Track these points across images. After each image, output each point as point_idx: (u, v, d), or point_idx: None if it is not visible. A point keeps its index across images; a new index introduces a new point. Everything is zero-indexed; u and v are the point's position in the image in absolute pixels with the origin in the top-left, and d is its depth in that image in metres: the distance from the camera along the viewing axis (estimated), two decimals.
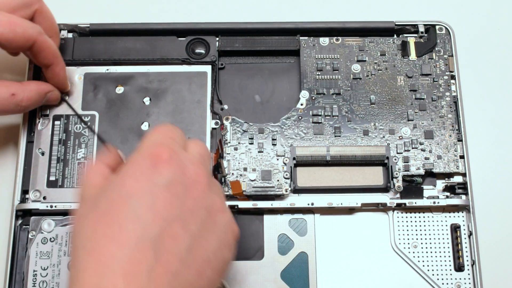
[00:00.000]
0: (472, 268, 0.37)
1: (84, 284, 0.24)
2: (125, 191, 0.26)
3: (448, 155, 0.39)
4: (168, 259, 0.25)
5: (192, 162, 0.28)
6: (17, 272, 0.37)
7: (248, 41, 0.42)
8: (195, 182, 0.28)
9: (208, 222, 0.27)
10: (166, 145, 0.28)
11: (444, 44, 0.42)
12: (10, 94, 0.35)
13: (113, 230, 0.25)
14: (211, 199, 0.28)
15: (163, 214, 0.26)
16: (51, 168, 0.39)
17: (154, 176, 0.27)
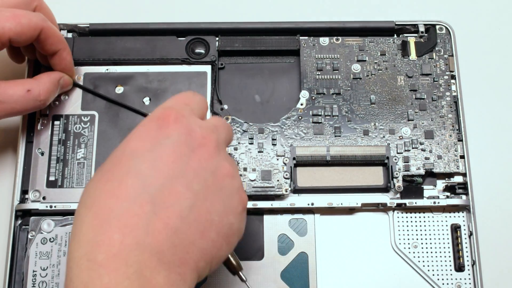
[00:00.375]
0: (473, 268, 0.37)
1: (81, 238, 0.24)
2: (129, 149, 0.26)
3: (448, 155, 0.39)
4: (168, 215, 0.25)
5: (201, 126, 0.28)
6: (17, 272, 0.37)
7: (248, 41, 0.42)
8: (202, 145, 0.27)
9: (213, 185, 0.27)
10: (175, 109, 0.28)
11: (444, 44, 0.42)
12: (26, 91, 0.35)
13: (113, 185, 0.25)
14: (218, 163, 0.27)
15: (165, 171, 0.26)
16: (50, 168, 0.39)
17: (159, 136, 0.26)
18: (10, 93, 0.35)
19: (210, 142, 0.28)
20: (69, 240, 0.26)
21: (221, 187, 0.27)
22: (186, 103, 0.29)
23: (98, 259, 0.23)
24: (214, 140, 0.28)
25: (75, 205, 0.37)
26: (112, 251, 0.24)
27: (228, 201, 0.28)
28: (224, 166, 0.28)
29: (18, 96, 0.35)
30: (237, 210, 0.28)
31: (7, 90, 0.35)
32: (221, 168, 0.28)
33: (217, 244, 0.27)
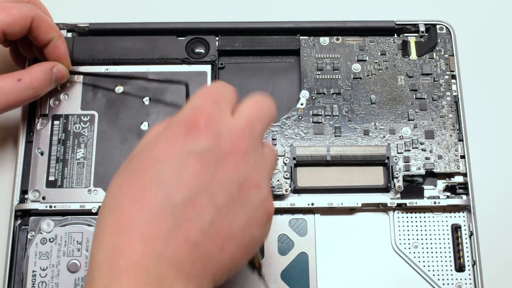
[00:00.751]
0: (473, 268, 0.37)
1: (103, 241, 0.25)
2: (155, 153, 0.26)
3: (449, 155, 0.39)
4: (189, 228, 0.25)
5: (231, 131, 0.27)
6: (16, 272, 0.37)
7: (248, 40, 0.42)
8: (230, 153, 0.26)
9: (238, 197, 0.26)
10: (205, 111, 0.26)
11: (444, 44, 0.42)
12: (17, 80, 0.35)
13: (137, 191, 0.25)
14: (245, 174, 0.26)
15: (189, 183, 0.25)
16: (50, 168, 0.39)
17: (186, 143, 0.26)
18: (1, 85, 0.35)
19: (239, 149, 0.26)
20: (92, 239, 0.26)
21: (246, 199, 0.27)
22: (216, 101, 0.28)
23: (119, 265, 0.24)
24: (244, 144, 0.27)
25: (74, 205, 0.37)
26: (133, 259, 0.24)
27: (253, 213, 0.27)
28: (251, 176, 0.27)
29: (9, 86, 0.35)
30: (261, 221, 0.27)
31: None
32: (247, 179, 0.27)
33: (236, 256, 0.27)
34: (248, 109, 0.28)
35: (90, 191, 0.38)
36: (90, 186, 0.38)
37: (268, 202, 0.28)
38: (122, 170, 0.27)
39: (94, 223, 0.38)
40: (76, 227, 0.37)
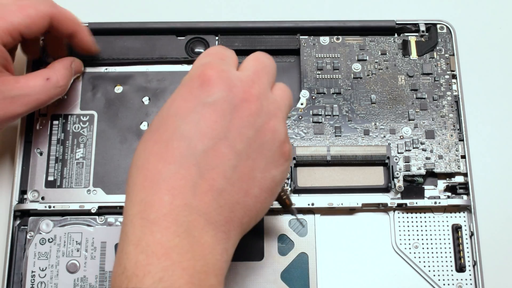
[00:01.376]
0: (474, 268, 0.37)
1: (133, 198, 0.26)
2: (173, 109, 0.27)
3: (449, 155, 0.39)
4: (213, 176, 0.26)
5: (242, 79, 0.28)
6: (15, 273, 0.37)
7: (248, 40, 0.42)
8: (244, 100, 0.27)
9: (255, 141, 0.27)
10: (215, 65, 0.28)
11: (445, 43, 0.42)
12: (45, 80, 0.35)
13: (160, 147, 0.26)
14: (261, 119, 0.28)
15: (208, 132, 0.26)
16: (49, 168, 0.39)
17: (201, 95, 0.27)
18: (32, 85, 0.35)
19: (252, 95, 0.28)
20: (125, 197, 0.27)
21: (263, 142, 0.28)
22: (221, 58, 0.29)
23: (151, 217, 0.25)
24: (256, 91, 0.28)
25: (74, 205, 0.37)
26: (163, 211, 0.25)
27: (271, 156, 0.28)
28: (266, 122, 0.28)
29: (39, 86, 0.35)
30: (279, 162, 0.28)
31: (28, 82, 0.34)
32: (263, 124, 0.28)
33: (260, 199, 0.28)
34: (251, 63, 0.30)
35: (89, 191, 0.38)
36: (89, 186, 0.38)
37: (285, 144, 0.29)
38: (146, 132, 0.28)
39: (93, 223, 0.38)
40: (75, 227, 0.37)
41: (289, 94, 0.31)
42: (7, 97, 0.33)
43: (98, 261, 0.37)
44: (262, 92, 0.28)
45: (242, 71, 0.29)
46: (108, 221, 0.38)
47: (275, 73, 0.31)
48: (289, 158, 0.29)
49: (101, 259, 0.37)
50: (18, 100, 0.34)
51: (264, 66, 0.30)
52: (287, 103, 0.31)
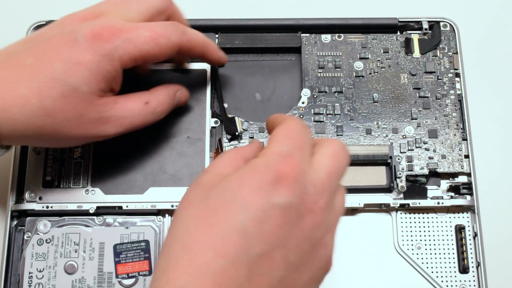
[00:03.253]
0: (477, 270, 0.37)
1: (171, 281, 0.24)
2: (240, 197, 0.25)
3: (453, 155, 0.39)
4: (259, 283, 0.25)
5: (314, 185, 0.26)
6: (12, 274, 0.36)
7: (249, 38, 0.41)
8: (310, 211, 0.26)
9: (308, 256, 0.26)
10: (294, 161, 0.26)
11: (448, 41, 0.41)
12: (144, 104, 0.34)
13: (215, 235, 0.24)
14: (320, 233, 0.27)
15: (269, 236, 0.25)
16: (47, 168, 0.38)
17: (273, 194, 0.25)
18: (130, 107, 0.33)
19: (319, 208, 0.26)
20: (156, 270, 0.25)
21: (314, 258, 0.27)
22: (301, 147, 0.27)
23: None
24: (324, 202, 0.27)
25: (72, 205, 0.37)
26: None
27: (316, 272, 0.27)
28: (323, 236, 0.27)
29: (137, 110, 0.33)
30: (321, 278, 0.28)
31: (126, 104, 0.33)
32: (320, 238, 0.27)
33: None
34: (328, 160, 0.28)
35: (87, 191, 0.38)
36: (87, 186, 0.38)
37: (330, 260, 0.28)
38: (197, 204, 0.26)
39: (91, 223, 0.37)
40: (73, 227, 0.37)
41: (345, 201, 0.30)
42: (102, 117, 0.32)
43: (97, 262, 0.36)
44: (328, 203, 0.27)
45: (316, 168, 0.27)
46: (106, 222, 0.37)
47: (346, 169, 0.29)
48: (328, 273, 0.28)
49: (100, 260, 0.36)
50: (112, 121, 0.33)
51: (340, 168, 0.28)
52: (342, 212, 0.29)
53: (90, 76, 0.31)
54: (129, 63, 0.32)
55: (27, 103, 0.30)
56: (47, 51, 0.31)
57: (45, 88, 0.30)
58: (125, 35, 0.31)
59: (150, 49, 0.32)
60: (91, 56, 0.31)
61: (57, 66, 0.30)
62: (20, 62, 0.31)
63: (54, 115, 0.31)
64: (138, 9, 0.33)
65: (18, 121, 0.30)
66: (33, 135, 0.31)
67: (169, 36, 0.32)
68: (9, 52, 0.32)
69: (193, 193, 0.27)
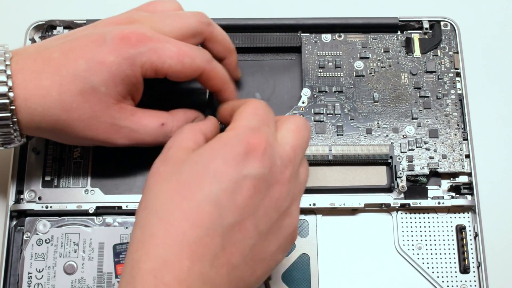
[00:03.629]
0: (478, 270, 0.37)
1: (151, 252, 0.25)
2: (212, 169, 0.26)
3: (453, 155, 0.39)
4: (232, 251, 0.26)
5: (282, 157, 0.28)
6: (12, 274, 0.36)
7: (248, 37, 0.41)
8: (278, 182, 0.27)
9: (276, 225, 0.28)
10: (264, 135, 0.27)
11: (449, 41, 0.41)
12: (160, 124, 0.34)
13: (190, 206, 0.25)
14: (286, 203, 0.28)
15: (241, 206, 0.26)
16: (46, 167, 0.38)
17: (244, 165, 0.26)
18: (145, 123, 0.33)
19: (285, 178, 0.28)
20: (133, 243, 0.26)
21: (281, 227, 0.28)
22: (267, 123, 0.29)
23: (165, 279, 0.24)
24: (289, 173, 0.28)
25: (71, 205, 0.37)
26: (180, 277, 0.24)
27: (283, 241, 0.28)
28: (289, 206, 0.28)
29: (151, 128, 0.33)
30: (287, 247, 0.29)
31: (142, 120, 0.33)
32: (286, 208, 0.28)
33: (260, 279, 0.28)
34: (292, 135, 0.29)
35: (87, 191, 0.37)
36: (87, 186, 0.38)
37: (296, 230, 0.29)
38: (169, 177, 0.27)
39: (91, 223, 0.37)
40: (72, 227, 0.37)
41: (308, 174, 0.31)
42: (115, 124, 0.32)
43: (96, 262, 0.36)
44: (293, 174, 0.28)
45: (282, 143, 0.29)
46: (106, 222, 0.37)
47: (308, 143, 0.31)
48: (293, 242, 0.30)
49: (99, 260, 0.36)
50: (124, 131, 0.33)
51: (303, 142, 0.30)
52: (305, 185, 0.30)
53: (109, 77, 0.31)
54: (149, 72, 0.32)
55: (47, 94, 0.31)
56: (75, 48, 0.31)
57: (65, 82, 0.31)
58: (151, 44, 0.31)
59: (173, 64, 0.32)
60: (113, 58, 0.31)
61: (81, 63, 0.31)
62: (48, 56, 0.31)
63: (70, 110, 0.31)
64: (173, 26, 0.33)
65: (36, 111, 0.31)
66: (48, 128, 0.32)
67: (194, 58, 0.32)
68: (39, 46, 0.32)
69: (162, 168, 0.28)
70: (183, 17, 0.34)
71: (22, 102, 0.30)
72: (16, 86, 0.30)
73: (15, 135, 0.32)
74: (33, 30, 0.41)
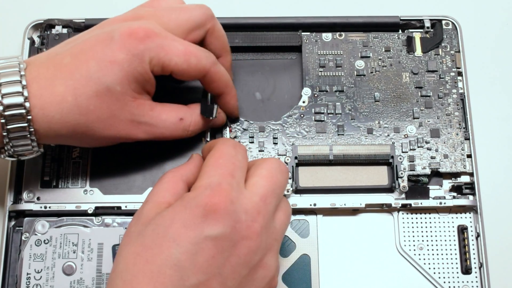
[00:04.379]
0: (480, 271, 0.37)
1: None
2: (171, 233, 0.26)
3: (455, 154, 0.38)
4: None
5: (247, 211, 0.27)
6: (10, 275, 0.36)
7: (249, 36, 0.41)
8: (245, 238, 0.27)
9: (247, 279, 0.27)
10: (224, 191, 0.27)
11: (450, 40, 0.41)
12: (179, 119, 0.34)
13: (152, 270, 0.26)
14: (258, 256, 0.27)
15: (203, 266, 0.26)
16: (45, 168, 0.38)
17: (203, 227, 0.26)
18: (163, 118, 0.33)
19: (254, 233, 0.27)
20: None
21: (254, 279, 0.28)
22: (232, 174, 0.28)
23: None
24: (259, 226, 0.28)
25: (70, 205, 0.37)
26: None
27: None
28: (261, 258, 0.28)
29: (170, 122, 0.34)
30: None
31: (161, 115, 0.33)
32: (259, 260, 0.28)
33: None
34: (262, 182, 0.29)
35: (86, 191, 0.37)
36: (86, 186, 0.37)
37: (273, 280, 0.29)
38: (135, 239, 0.27)
39: (90, 223, 0.37)
40: (71, 228, 0.37)
41: (289, 216, 0.31)
42: (135, 120, 0.32)
43: (95, 263, 0.36)
44: (264, 225, 0.28)
45: (250, 192, 0.28)
46: (105, 222, 0.37)
47: (286, 185, 0.30)
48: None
49: (98, 261, 0.36)
50: (144, 127, 0.33)
51: (275, 187, 0.29)
52: (285, 229, 0.30)
53: (122, 76, 0.31)
54: (157, 69, 0.32)
55: (63, 100, 0.30)
56: (84, 50, 0.31)
57: (80, 86, 0.31)
58: (159, 40, 0.31)
59: (179, 63, 0.32)
60: (124, 55, 0.31)
61: (92, 65, 0.31)
62: (59, 61, 0.31)
63: (88, 113, 0.31)
64: (178, 19, 0.33)
65: (54, 119, 0.31)
66: (68, 134, 0.31)
67: (200, 59, 0.33)
68: (50, 53, 0.32)
69: (133, 227, 0.28)
70: (188, 10, 0.34)
71: (39, 112, 0.30)
72: (31, 95, 0.30)
73: (33, 145, 0.31)
74: (31, 29, 0.41)
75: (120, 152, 0.38)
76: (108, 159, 0.38)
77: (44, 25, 0.41)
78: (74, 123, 0.31)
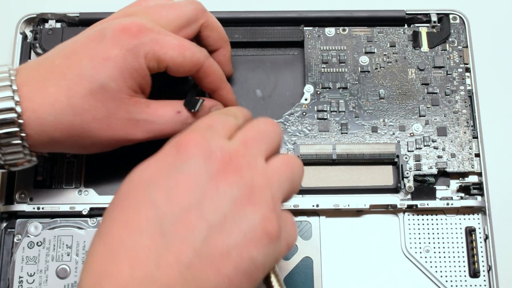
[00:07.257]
0: (488, 274, 0.36)
1: (90, 267, 0.25)
2: (146, 176, 0.26)
3: (463, 153, 0.38)
4: (180, 248, 0.24)
5: (223, 148, 0.27)
6: (2, 278, 0.35)
7: (249, 31, 0.40)
8: (221, 170, 0.26)
9: (231, 214, 0.26)
10: (195, 132, 0.27)
11: (458, 35, 0.41)
12: (176, 112, 0.34)
13: (127, 214, 0.25)
14: (238, 191, 0.26)
15: (179, 201, 0.25)
16: (38, 167, 0.37)
17: (176, 162, 0.26)
18: (160, 113, 0.33)
19: (230, 165, 0.26)
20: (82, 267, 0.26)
21: (241, 217, 0.26)
22: (209, 125, 0.28)
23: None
24: (237, 162, 0.27)
25: (64, 206, 0.36)
26: (120, 283, 0.23)
27: (249, 232, 0.26)
28: (247, 195, 0.26)
29: (167, 117, 0.33)
30: (260, 242, 0.26)
31: (158, 110, 0.33)
32: (242, 196, 0.26)
33: (234, 282, 0.25)
34: (244, 131, 0.29)
35: (80, 192, 0.37)
36: (80, 186, 0.37)
37: (269, 222, 0.26)
38: (114, 197, 0.27)
39: (84, 225, 0.37)
40: (65, 230, 0.36)
41: (292, 167, 0.29)
42: (132, 119, 0.32)
43: None
44: (245, 163, 0.27)
45: (231, 139, 0.28)
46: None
47: (278, 141, 0.29)
48: (275, 239, 0.26)
49: None
50: (142, 125, 0.33)
51: (257, 133, 0.28)
52: (285, 177, 0.28)
53: (117, 72, 0.31)
54: (152, 64, 0.32)
55: (56, 101, 0.30)
56: (76, 50, 0.31)
57: (73, 85, 0.30)
58: (153, 34, 0.31)
59: (174, 56, 0.32)
60: (117, 51, 0.31)
61: (85, 63, 0.30)
62: (50, 63, 0.31)
63: (83, 113, 0.31)
64: (169, 16, 0.33)
65: (46, 121, 0.30)
66: (62, 137, 0.31)
67: (194, 52, 0.33)
68: (40, 58, 0.33)
69: None
70: (178, 6, 0.34)
71: (31, 114, 0.30)
72: (23, 99, 0.30)
73: (25, 153, 0.31)
74: (24, 24, 0.40)
75: (115, 152, 0.37)
76: (103, 159, 0.37)
77: (37, 20, 0.40)
78: (68, 124, 0.30)
